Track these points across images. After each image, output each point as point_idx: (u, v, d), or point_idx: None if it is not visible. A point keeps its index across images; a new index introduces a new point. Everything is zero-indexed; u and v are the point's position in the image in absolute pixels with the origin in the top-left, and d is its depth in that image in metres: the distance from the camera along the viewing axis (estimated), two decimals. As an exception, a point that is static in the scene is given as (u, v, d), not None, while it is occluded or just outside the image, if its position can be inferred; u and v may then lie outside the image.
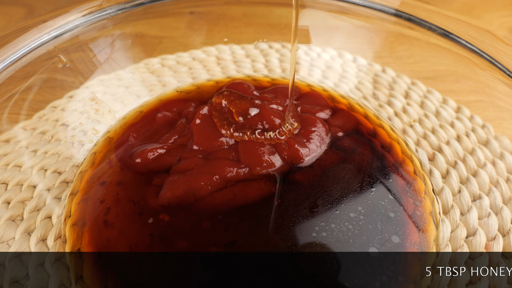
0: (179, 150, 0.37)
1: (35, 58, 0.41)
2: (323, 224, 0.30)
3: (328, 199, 0.33)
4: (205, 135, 0.37)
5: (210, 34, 0.56)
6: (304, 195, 0.33)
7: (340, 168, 0.36)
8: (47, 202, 0.36)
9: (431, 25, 0.45)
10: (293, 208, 0.32)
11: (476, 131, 0.42)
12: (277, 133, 0.36)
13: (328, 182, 0.34)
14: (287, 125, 0.37)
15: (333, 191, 0.33)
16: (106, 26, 0.47)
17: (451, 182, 0.37)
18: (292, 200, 0.32)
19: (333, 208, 0.32)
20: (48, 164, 0.39)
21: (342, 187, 0.34)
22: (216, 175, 0.33)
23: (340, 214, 0.31)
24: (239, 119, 0.38)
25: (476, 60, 0.41)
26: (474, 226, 0.34)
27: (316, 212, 0.31)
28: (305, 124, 0.38)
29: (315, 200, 0.32)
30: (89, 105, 0.44)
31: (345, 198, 0.33)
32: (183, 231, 0.30)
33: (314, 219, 0.31)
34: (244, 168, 0.34)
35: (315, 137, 0.37)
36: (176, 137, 0.38)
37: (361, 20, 0.50)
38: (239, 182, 0.34)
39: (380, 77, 0.50)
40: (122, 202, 0.33)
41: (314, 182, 0.34)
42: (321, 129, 0.38)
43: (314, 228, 0.30)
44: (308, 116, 0.39)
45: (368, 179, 0.35)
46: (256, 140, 0.36)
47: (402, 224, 0.32)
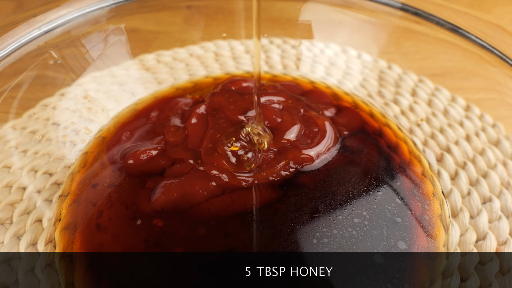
0: (173, 151, 0.36)
1: (25, 54, 0.41)
2: (325, 230, 0.30)
3: (332, 204, 0.32)
4: (201, 136, 0.37)
5: (208, 29, 0.56)
6: (307, 200, 0.32)
7: (346, 170, 0.35)
8: (37, 205, 0.36)
9: (439, 20, 0.44)
10: (296, 215, 0.31)
11: (486, 130, 0.42)
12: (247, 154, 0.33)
13: (333, 186, 0.34)
14: (255, 137, 0.34)
15: (338, 195, 0.33)
16: (100, 20, 0.47)
17: (460, 184, 0.37)
18: (295, 206, 0.32)
19: (338, 214, 0.32)
20: (38, 165, 0.39)
21: (348, 190, 0.33)
22: (213, 181, 0.33)
23: (344, 220, 0.31)
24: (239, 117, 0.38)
25: (486, 56, 0.41)
26: (484, 230, 0.34)
27: (319, 217, 0.31)
28: (311, 125, 0.38)
29: (319, 206, 0.32)
30: (81, 103, 0.44)
31: (350, 202, 0.33)
32: (178, 237, 0.30)
33: (317, 225, 0.31)
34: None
35: (322, 140, 0.37)
36: (171, 138, 0.38)
37: (366, 15, 0.50)
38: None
39: (386, 74, 0.50)
40: (115, 205, 0.33)
41: (318, 186, 0.34)
42: (328, 131, 0.38)
43: (315, 234, 0.30)
44: (315, 116, 0.39)
45: (374, 182, 0.35)
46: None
47: (409, 229, 0.31)
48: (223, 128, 0.36)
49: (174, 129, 0.39)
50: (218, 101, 0.40)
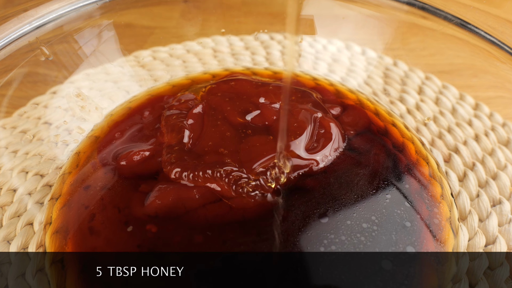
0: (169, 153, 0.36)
1: (15, 50, 0.41)
2: (333, 237, 0.30)
3: (339, 208, 0.32)
4: (198, 136, 0.37)
5: (206, 24, 0.56)
6: (313, 205, 0.32)
7: (353, 173, 0.35)
8: (28, 208, 0.36)
9: (447, 15, 0.44)
10: (301, 220, 0.31)
11: (496, 130, 0.42)
12: (262, 181, 0.31)
13: (340, 191, 0.33)
14: (275, 172, 0.32)
15: (344, 200, 0.33)
16: (93, 15, 0.47)
17: (468, 186, 0.37)
18: (299, 211, 0.31)
19: (345, 219, 0.31)
20: (29, 166, 0.39)
21: (355, 195, 0.33)
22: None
23: (352, 225, 0.31)
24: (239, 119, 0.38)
25: (496, 52, 0.41)
26: (493, 233, 0.33)
27: (326, 223, 0.31)
28: (318, 126, 0.38)
29: (325, 211, 0.32)
30: (74, 101, 0.44)
31: (357, 206, 0.32)
32: (174, 244, 0.30)
33: (324, 231, 0.30)
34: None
35: (328, 143, 0.36)
36: (166, 138, 0.38)
37: (370, 9, 0.50)
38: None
39: (392, 71, 0.50)
40: (108, 208, 0.33)
41: (324, 191, 0.33)
42: (334, 134, 0.37)
43: (323, 241, 0.30)
44: (321, 118, 0.38)
45: (382, 184, 0.34)
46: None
47: (418, 234, 0.31)
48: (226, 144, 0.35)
49: (169, 129, 0.38)
50: (215, 101, 0.40)
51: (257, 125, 0.38)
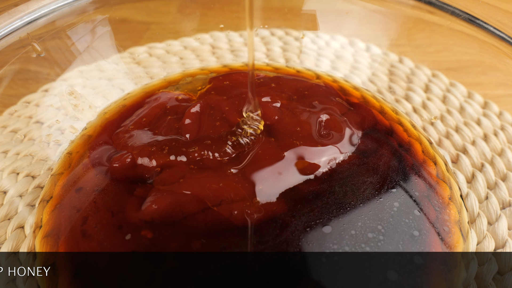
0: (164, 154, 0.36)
1: (5, 46, 0.41)
2: (337, 247, 0.30)
3: (344, 211, 0.32)
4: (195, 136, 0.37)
5: (204, 19, 0.56)
6: (317, 211, 0.32)
7: (359, 176, 0.34)
8: (19, 210, 0.35)
9: (455, 9, 0.44)
10: (305, 228, 0.30)
11: (505, 129, 0.41)
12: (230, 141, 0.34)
13: (346, 197, 0.32)
14: (249, 123, 0.34)
15: (349, 206, 0.32)
16: (86, 10, 0.47)
17: (477, 188, 0.37)
18: (303, 218, 0.31)
19: (350, 222, 0.31)
20: (20, 167, 0.39)
21: (361, 200, 0.32)
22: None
23: (357, 233, 0.30)
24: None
25: (505, 49, 0.41)
26: (503, 237, 0.33)
27: (330, 233, 0.30)
28: (325, 126, 0.37)
29: (330, 219, 0.31)
30: (66, 100, 0.44)
31: (362, 210, 0.32)
32: (170, 250, 0.29)
33: (328, 241, 0.30)
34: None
35: (333, 144, 0.36)
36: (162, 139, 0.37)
37: (375, 4, 0.50)
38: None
39: (397, 68, 0.50)
40: (101, 211, 0.32)
41: (330, 196, 0.33)
42: (340, 134, 0.37)
43: (325, 251, 0.29)
44: (331, 119, 0.38)
45: (388, 186, 0.34)
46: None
47: (425, 241, 0.31)
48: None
49: (166, 129, 0.38)
50: (213, 99, 0.40)
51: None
